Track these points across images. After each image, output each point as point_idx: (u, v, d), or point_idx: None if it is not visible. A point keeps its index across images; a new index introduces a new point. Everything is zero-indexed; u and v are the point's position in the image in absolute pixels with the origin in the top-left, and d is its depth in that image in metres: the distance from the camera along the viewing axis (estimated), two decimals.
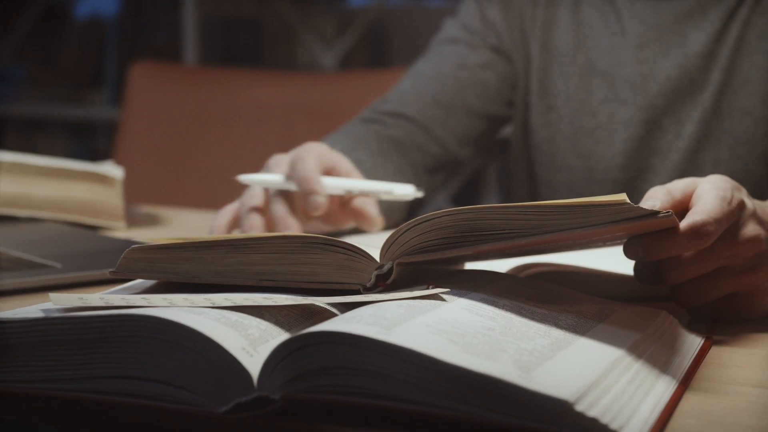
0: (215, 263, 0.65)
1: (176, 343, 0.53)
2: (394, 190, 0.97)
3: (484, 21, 1.24)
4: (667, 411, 0.53)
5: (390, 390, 0.50)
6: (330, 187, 0.93)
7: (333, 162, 0.97)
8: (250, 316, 0.57)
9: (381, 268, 0.64)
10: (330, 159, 0.96)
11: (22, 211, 1.12)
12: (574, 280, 0.76)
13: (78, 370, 0.54)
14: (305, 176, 0.91)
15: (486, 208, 0.62)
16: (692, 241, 0.66)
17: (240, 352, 0.52)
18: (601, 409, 0.49)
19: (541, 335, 0.57)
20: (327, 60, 2.76)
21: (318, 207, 0.90)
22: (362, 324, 0.52)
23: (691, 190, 0.70)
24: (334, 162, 0.97)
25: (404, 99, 1.20)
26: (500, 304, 0.61)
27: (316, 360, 0.51)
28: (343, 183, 0.95)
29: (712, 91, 1.12)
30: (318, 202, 0.90)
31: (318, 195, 0.90)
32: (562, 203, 0.61)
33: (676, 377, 0.58)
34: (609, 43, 1.18)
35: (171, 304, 0.57)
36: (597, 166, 1.18)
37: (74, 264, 0.85)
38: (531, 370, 0.51)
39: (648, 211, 0.60)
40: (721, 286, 0.70)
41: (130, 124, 1.93)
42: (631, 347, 0.58)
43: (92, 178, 1.15)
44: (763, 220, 0.71)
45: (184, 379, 0.52)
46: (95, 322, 0.54)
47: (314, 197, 0.90)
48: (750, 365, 0.63)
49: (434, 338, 0.52)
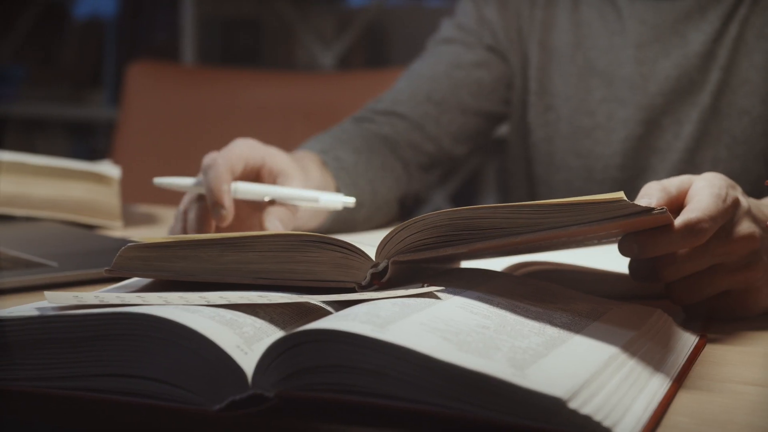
0: (210, 261, 0.65)
1: (171, 341, 0.53)
2: (319, 198, 0.90)
3: (481, 20, 1.24)
4: (660, 409, 0.53)
5: (384, 388, 0.50)
6: (246, 192, 0.89)
7: (261, 160, 0.92)
8: (244, 314, 0.57)
9: (376, 267, 0.64)
10: (257, 157, 0.91)
11: (20, 210, 1.12)
12: (570, 279, 0.76)
13: (73, 368, 0.55)
14: (211, 186, 0.86)
15: (481, 207, 0.62)
16: (687, 239, 0.66)
17: (234, 350, 0.52)
18: (594, 407, 0.49)
19: (536, 333, 0.57)
20: (326, 60, 2.76)
21: (222, 219, 0.86)
22: (356, 322, 0.52)
23: (686, 187, 0.70)
24: (263, 160, 0.92)
25: (398, 98, 1.20)
26: (495, 303, 0.61)
27: (310, 358, 0.51)
28: (261, 189, 0.90)
29: (711, 91, 1.12)
30: (221, 215, 0.86)
31: (222, 208, 0.86)
32: (557, 201, 0.61)
33: (670, 375, 0.58)
34: (608, 43, 1.18)
35: (166, 302, 0.57)
36: (596, 166, 1.18)
37: (71, 263, 0.85)
38: (525, 367, 0.51)
39: (642, 207, 0.61)
40: (715, 283, 0.70)
41: (128, 123, 1.93)
42: (625, 345, 0.58)
43: (89, 178, 1.15)
44: (758, 217, 0.71)
45: (179, 377, 0.53)
46: (90, 320, 0.55)
47: (218, 209, 0.86)
48: (744, 363, 0.64)
49: (428, 336, 0.52)
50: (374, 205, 1.08)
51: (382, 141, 1.15)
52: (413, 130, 1.19)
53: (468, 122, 1.22)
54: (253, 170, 0.92)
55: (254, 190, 0.89)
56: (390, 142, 1.16)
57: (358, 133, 1.14)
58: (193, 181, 0.90)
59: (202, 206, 0.89)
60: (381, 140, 1.15)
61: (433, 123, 1.20)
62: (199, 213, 0.89)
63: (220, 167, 0.87)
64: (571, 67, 1.20)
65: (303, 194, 0.90)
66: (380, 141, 1.15)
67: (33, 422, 0.56)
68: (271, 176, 0.92)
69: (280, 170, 0.92)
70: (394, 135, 1.17)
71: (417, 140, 1.19)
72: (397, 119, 1.18)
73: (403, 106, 1.19)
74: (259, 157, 0.92)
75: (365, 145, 1.11)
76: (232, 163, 0.89)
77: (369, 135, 1.15)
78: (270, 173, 0.92)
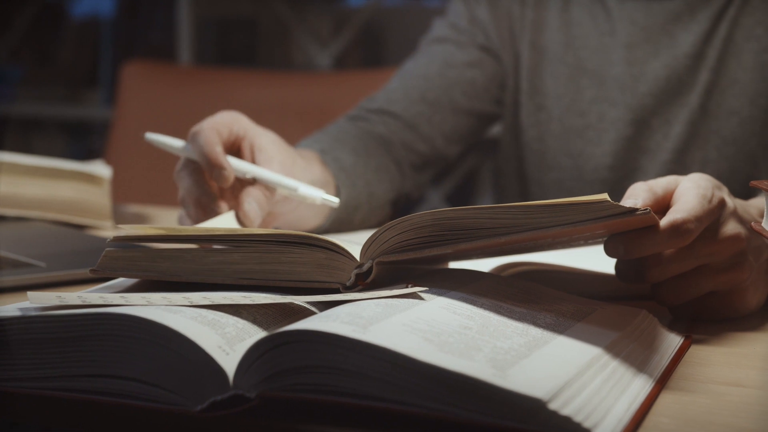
0: (195, 262, 0.65)
1: (152, 341, 0.53)
2: (298, 189, 0.89)
3: (472, 20, 1.24)
4: (642, 410, 0.53)
5: (365, 389, 0.50)
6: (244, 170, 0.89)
7: (243, 132, 0.92)
8: (227, 314, 0.57)
9: (361, 267, 0.64)
10: (240, 128, 0.91)
11: (10, 210, 1.12)
12: (556, 279, 0.76)
13: (54, 369, 0.55)
14: (204, 150, 0.87)
15: (465, 208, 0.62)
16: (672, 239, 0.66)
17: (216, 351, 0.52)
18: (574, 408, 0.49)
19: (519, 334, 0.57)
20: (322, 60, 2.76)
21: (225, 179, 0.87)
22: (338, 323, 0.52)
23: (672, 188, 0.70)
24: (246, 132, 0.92)
25: (391, 97, 1.20)
26: (479, 303, 0.61)
27: (291, 358, 0.51)
28: (244, 166, 0.89)
29: (700, 92, 1.12)
30: (223, 176, 0.87)
31: (222, 169, 0.86)
32: (542, 202, 0.61)
33: (653, 376, 0.58)
34: (598, 43, 1.18)
35: (148, 302, 0.57)
36: (586, 166, 1.18)
37: (59, 263, 0.85)
38: (506, 368, 0.51)
39: (626, 208, 0.61)
40: (701, 284, 0.70)
41: (122, 123, 1.93)
42: (608, 346, 0.58)
43: (80, 178, 1.15)
44: (744, 218, 0.71)
45: (161, 378, 0.53)
46: (72, 321, 0.55)
47: (218, 171, 0.86)
48: (729, 364, 0.64)
49: (410, 337, 0.52)
50: (370, 207, 1.08)
51: (377, 141, 1.16)
52: (406, 130, 1.19)
53: (460, 122, 1.22)
54: (237, 141, 0.91)
55: (236, 166, 0.89)
56: (384, 141, 1.16)
57: (354, 132, 1.14)
58: (182, 145, 0.90)
59: (195, 170, 0.89)
60: (376, 140, 1.15)
61: (426, 123, 1.20)
62: (195, 177, 0.89)
63: (208, 131, 0.88)
64: (562, 68, 1.20)
65: (283, 181, 0.90)
66: (375, 141, 1.15)
67: (14, 422, 0.56)
68: (251, 150, 0.92)
69: (262, 146, 0.92)
70: (387, 134, 1.17)
71: (410, 140, 1.19)
72: (391, 118, 1.18)
73: (396, 106, 1.19)
74: (243, 128, 0.92)
75: (362, 145, 1.12)
76: (218, 128, 0.89)
77: (364, 135, 1.15)
78: (250, 147, 0.92)
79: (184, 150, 0.90)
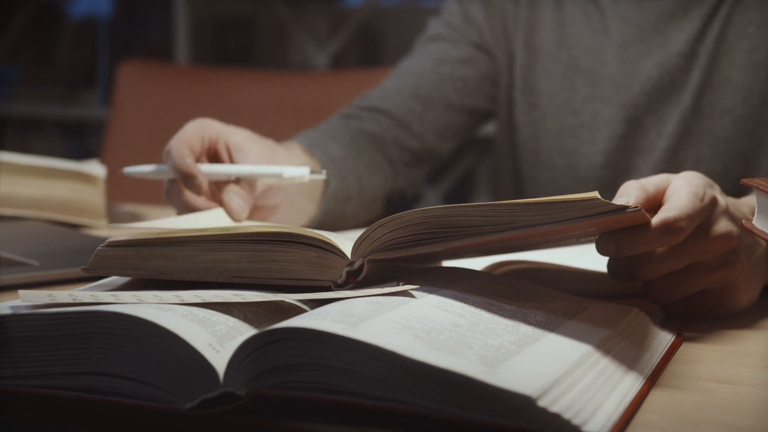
0: (187, 260, 0.65)
1: (143, 339, 0.53)
2: (283, 173, 0.90)
3: (466, 18, 1.25)
4: (632, 407, 0.53)
5: (355, 386, 0.50)
6: (209, 174, 0.89)
7: (216, 135, 0.92)
8: (218, 312, 0.57)
9: (352, 265, 0.64)
10: (211, 132, 0.92)
11: (5, 209, 1.12)
12: (549, 278, 0.76)
13: (45, 366, 0.55)
14: (175, 164, 0.88)
15: (456, 206, 0.62)
16: (664, 237, 0.66)
17: (206, 349, 0.52)
18: (564, 405, 0.49)
19: (509, 331, 0.57)
20: (319, 59, 2.76)
21: (198, 188, 0.88)
22: (328, 320, 0.52)
23: (664, 186, 0.70)
24: (218, 135, 0.92)
25: (383, 95, 1.20)
26: (470, 301, 0.61)
27: (282, 356, 0.51)
28: (224, 169, 0.90)
29: (693, 90, 1.12)
30: (196, 185, 0.88)
31: (194, 178, 0.88)
32: (532, 200, 0.61)
33: (643, 373, 0.58)
34: (592, 42, 1.18)
35: (139, 300, 0.57)
36: (580, 165, 1.18)
37: (52, 262, 0.85)
38: (495, 366, 0.51)
39: (616, 205, 0.61)
40: (693, 282, 0.70)
41: (119, 123, 1.93)
42: (599, 343, 0.58)
43: (75, 177, 1.15)
44: (736, 216, 0.71)
45: (151, 376, 0.53)
46: (63, 319, 0.55)
47: (191, 181, 0.88)
48: (720, 361, 0.64)
49: (400, 334, 0.52)
50: (362, 200, 1.08)
51: (369, 138, 1.16)
52: (398, 127, 1.19)
53: (453, 119, 1.22)
54: (211, 146, 0.92)
55: (217, 171, 0.90)
56: (376, 139, 1.16)
57: (346, 130, 1.14)
58: (157, 168, 0.92)
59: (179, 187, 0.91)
60: (367, 137, 1.16)
61: (418, 120, 1.20)
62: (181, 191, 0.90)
63: (177, 146, 0.89)
64: (555, 66, 1.20)
65: (266, 170, 0.90)
66: (367, 138, 1.15)
67: (5, 419, 0.56)
68: (227, 151, 0.93)
69: (237, 144, 0.93)
70: (379, 132, 1.17)
71: (401, 137, 1.19)
72: (382, 116, 1.19)
73: (388, 103, 1.19)
74: (214, 132, 0.93)
75: (353, 141, 1.12)
76: (188, 140, 0.90)
77: (356, 132, 1.15)
78: (226, 147, 0.93)
79: (161, 171, 0.92)
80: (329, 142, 1.08)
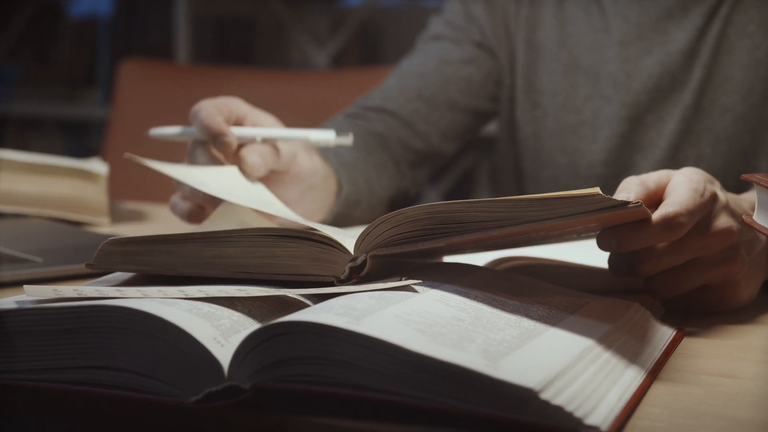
0: (190, 256, 0.66)
1: (147, 333, 0.53)
2: (309, 137, 0.92)
3: (468, 17, 1.25)
4: (633, 400, 0.53)
5: (359, 379, 0.50)
6: (237, 135, 0.90)
7: (244, 113, 0.94)
8: (222, 307, 0.57)
9: (355, 261, 0.64)
10: (240, 110, 0.94)
11: (7, 206, 1.12)
12: (550, 273, 0.76)
13: (50, 360, 0.55)
14: (205, 123, 0.89)
15: (459, 202, 0.62)
16: (664, 233, 0.66)
17: (211, 342, 0.53)
18: (566, 398, 0.49)
19: (511, 326, 0.58)
20: (320, 59, 2.76)
21: (228, 146, 0.88)
22: (332, 314, 0.53)
23: (664, 182, 0.70)
24: (246, 114, 0.94)
25: (387, 95, 1.21)
26: (472, 296, 0.61)
27: (286, 350, 0.51)
28: (251, 131, 0.91)
29: (694, 89, 1.13)
30: (226, 143, 0.88)
31: (224, 136, 0.88)
32: (534, 196, 0.61)
33: (645, 367, 0.58)
34: (593, 40, 1.19)
35: (144, 295, 0.58)
36: (581, 163, 1.18)
37: (55, 258, 0.86)
38: (498, 359, 0.51)
39: (617, 201, 0.61)
40: (693, 277, 0.70)
41: (120, 121, 1.93)
42: (600, 338, 0.58)
43: (76, 174, 1.15)
44: (736, 212, 0.71)
45: (155, 369, 0.53)
46: (68, 313, 0.55)
47: (220, 139, 0.88)
48: (721, 356, 0.64)
49: (403, 328, 0.52)
50: (370, 203, 1.09)
51: (375, 139, 1.16)
52: (403, 128, 1.19)
53: (457, 119, 1.23)
54: (238, 120, 0.93)
55: (244, 133, 0.91)
56: (382, 140, 1.17)
57: (353, 129, 1.15)
58: (183, 129, 0.92)
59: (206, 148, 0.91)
60: (374, 138, 1.16)
61: (422, 120, 1.20)
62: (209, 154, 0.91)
63: (208, 107, 0.90)
64: (556, 65, 1.21)
65: (293, 133, 0.92)
66: (374, 139, 1.16)
67: (10, 415, 0.56)
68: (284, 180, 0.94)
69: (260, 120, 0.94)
70: (385, 132, 1.18)
71: (406, 137, 1.19)
72: (388, 116, 1.19)
73: (393, 103, 1.20)
74: (242, 110, 0.94)
75: (362, 143, 1.12)
76: (218, 104, 0.91)
77: (363, 133, 1.15)
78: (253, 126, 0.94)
79: (188, 133, 0.92)
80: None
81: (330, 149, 1.05)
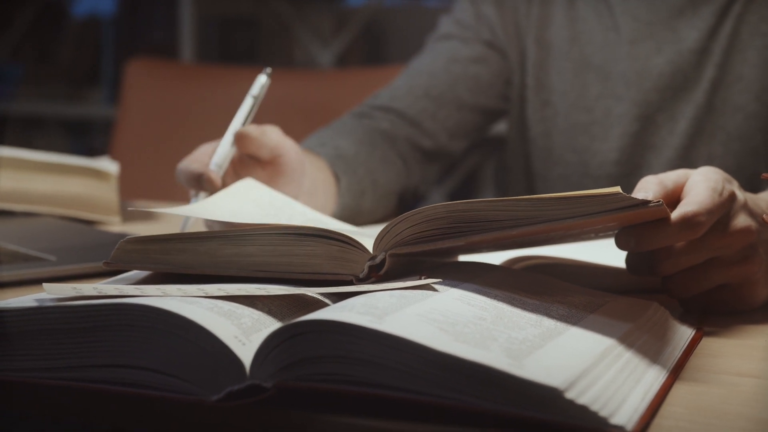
0: (209, 255, 0.65)
1: (169, 331, 0.53)
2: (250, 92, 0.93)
3: (478, 16, 1.25)
4: (657, 399, 0.53)
5: (381, 378, 0.50)
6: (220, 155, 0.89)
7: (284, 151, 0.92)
8: (242, 305, 0.57)
9: (374, 259, 0.64)
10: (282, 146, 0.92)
11: (19, 205, 1.12)
12: (567, 273, 0.76)
13: (71, 359, 0.55)
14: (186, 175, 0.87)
15: (478, 201, 0.62)
16: (683, 232, 0.66)
17: (232, 341, 0.52)
18: (591, 397, 0.49)
19: (532, 325, 0.57)
20: (324, 58, 2.76)
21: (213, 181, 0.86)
22: (354, 313, 0.52)
23: (682, 181, 0.70)
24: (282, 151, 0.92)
25: (395, 94, 1.21)
26: (492, 295, 0.61)
27: (308, 348, 0.51)
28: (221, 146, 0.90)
29: (705, 88, 1.12)
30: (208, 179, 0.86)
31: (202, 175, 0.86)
32: (555, 195, 0.61)
33: (666, 367, 0.58)
34: (603, 39, 1.19)
35: (164, 293, 0.57)
36: (592, 162, 1.18)
37: (69, 257, 0.85)
38: (521, 358, 0.51)
39: (638, 200, 0.61)
40: (711, 277, 0.70)
41: (127, 121, 1.93)
42: (621, 337, 0.58)
43: (88, 173, 1.15)
44: (754, 211, 0.71)
45: (177, 368, 0.53)
46: (88, 311, 0.55)
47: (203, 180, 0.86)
48: (740, 355, 0.64)
49: (425, 327, 0.52)
50: (376, 195, 1.09)
51: (382, 137, 1.16)
52: (411, 126, 1.19)
53: (465, 118, 1.23)
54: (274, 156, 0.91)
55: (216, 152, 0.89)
56: (389, 138, 1.17)
57: (359, 128, 1.15)
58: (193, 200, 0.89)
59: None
60: (380, 135, 1.16)
61: (430, 119, 1.20)
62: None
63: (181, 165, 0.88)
64: (567, 63, 1.20)
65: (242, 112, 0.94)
66: (380, 137, 1.16)
67: (31, 412, 0.56)
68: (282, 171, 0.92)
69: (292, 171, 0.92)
70: (392, 131, 1.17)
71: (414, 136, 1.19)
72: (395, 115, 1.19)
73: (400, 102, 1.20)
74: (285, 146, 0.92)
75: (366, 137, 1.12)
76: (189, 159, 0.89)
77: (369, 131, 1.15)
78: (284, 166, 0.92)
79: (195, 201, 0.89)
80: (341, 138, 1.08)
81: (329, 144, 1.05)
